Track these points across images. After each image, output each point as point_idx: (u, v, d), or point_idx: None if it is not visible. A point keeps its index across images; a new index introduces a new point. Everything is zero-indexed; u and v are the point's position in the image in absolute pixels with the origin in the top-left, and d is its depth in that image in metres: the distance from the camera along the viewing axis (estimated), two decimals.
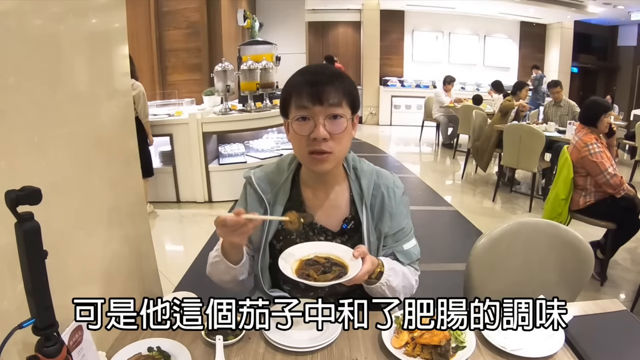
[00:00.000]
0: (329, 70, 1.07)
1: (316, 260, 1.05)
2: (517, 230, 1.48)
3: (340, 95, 1.04)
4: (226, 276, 1.13)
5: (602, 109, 2.93)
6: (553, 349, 0.98)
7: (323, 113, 1.03)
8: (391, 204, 1.18)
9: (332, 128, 1.04)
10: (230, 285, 1.17)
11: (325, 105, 1.02)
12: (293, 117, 1.05)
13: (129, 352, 0.97)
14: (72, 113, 0.97)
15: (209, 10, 5.84)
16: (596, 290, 2.84)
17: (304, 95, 1.03)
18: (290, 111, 1.07)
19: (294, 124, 1.05)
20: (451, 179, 5.98)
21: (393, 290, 1.11)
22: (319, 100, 1.02)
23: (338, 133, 1.05)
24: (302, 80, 1.05)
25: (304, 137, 1.04)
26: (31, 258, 0.66)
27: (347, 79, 1.08)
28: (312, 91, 1.02)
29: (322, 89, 1.02)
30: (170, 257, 3.41)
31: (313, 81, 1.03)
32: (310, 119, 1.03)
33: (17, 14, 0.80)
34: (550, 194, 3.16)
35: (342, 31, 10.39)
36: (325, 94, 1.02)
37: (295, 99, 1.05)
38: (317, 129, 1.02)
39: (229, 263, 1.09)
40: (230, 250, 1.09)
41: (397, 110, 9.89)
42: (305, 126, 1.04)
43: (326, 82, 1.03)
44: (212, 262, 1.15)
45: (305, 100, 1.02)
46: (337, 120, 1.04)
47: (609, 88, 11.24)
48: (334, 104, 1.03)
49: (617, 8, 8.73)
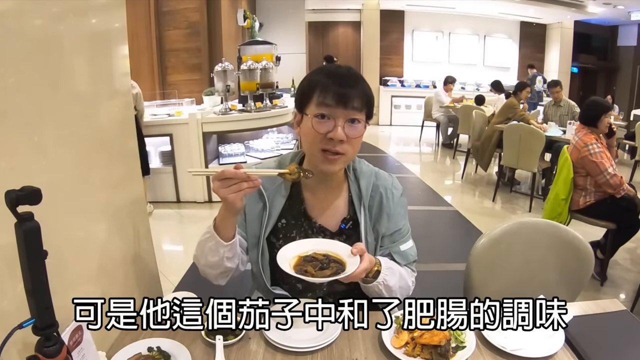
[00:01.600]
0: (355, 75, 1.09)
1: (314, 256, 1.06)
2: (517, 230, 1.48)
3: (362, 101, 1.06)
4: (213, 257, 1.08)
5: (602, 109, 2.93)
6: (553, 349, 0.98)
7: (344, 116, 1.05)
8: (389, 205, 1.18)
9: (350, 131, 1.06)
10: (215, 272, 1.13)
11: (349, 108, 1.04)
12: (313, 113, 1.06)
13: (129, 352, 0.97)
14: (72, 113, 0.97)
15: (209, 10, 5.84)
16: (596, 290, 2.84)
17: (330, 94, 1.04)
18: (309, 106, 1.08)
19: (313, 120, 1.06)
20: (451, 179, 5.98)
21: (390, 290, 1.11)
22: (343, 103, 1.04)
23: (355, 137, 1.07)
24: (328, 79, 1.06)
25: (321, 135, 1.05)
26: (31, 258, 0.66)
27: (367, 85, 1.10)
28: (338, 92, 1.04)
29: (348, 92, 1.04)
30: (170, 257, 3.41)
31: (341, 83, 1.05)
32: (331, 119, 1.05)
33: (17, 14, 0.80)
34: (550, 194, 3.16)
35: (342, 31, 10.40)
36: (350, 97, 1.04)
37: (318, 96, 1.06)
38: (335, 129, 1.04)
39: (219, 239, 1.06)
40: (224, 222, 1.05)
41: (397, 110, 9.90)
42: (325, 124, 1.05)
43: (352, 86, 1.05)
44: (201, 239, 1.11)
45: (330, 99, 1.04)
46: (355, 124, 1.07)
47: (609, 88, 11.24)
48: (356, 108, 1.05)
49: (617, 8, 8.73)
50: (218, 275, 1.15)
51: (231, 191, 0.96)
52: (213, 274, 1.15)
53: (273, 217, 1.18)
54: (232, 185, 0.96)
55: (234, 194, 0.97)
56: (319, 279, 0.98)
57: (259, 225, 1.17)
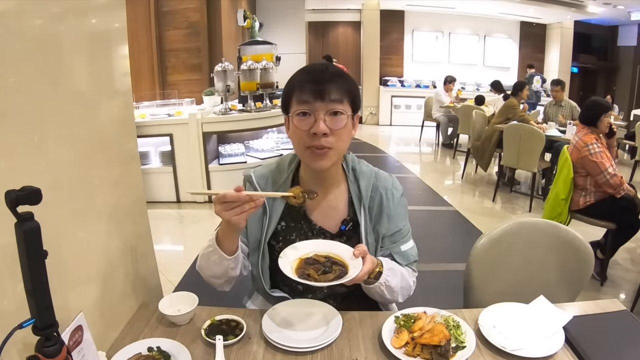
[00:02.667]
0: (331, 69, 1.08)
1: (316, 259, 1.05)
2: (517, 230, 1.47)
3: (341, 92, 1.06)
4: (218, 268, 1.09)
5: (602, 108, 2.93)
6: (553, 349, 0.98)
7: (324, 109, 1.04)
8: (389, 206, 1.18)
9: (332, 124, 1.05)
10: (220, 281, 1.14)
11: (327, 100, 1.04)
12: (294, 112, 1.07)
13: (129, 352, 0.97)
14: (72, 113, 0.97)
15: (209, 10, 5.84)
16: (596, 290, 2.84)
17: (306, 91, 1.04)
18: (291, 106, 1.09)
19: (294, 119, 1.07)
20: (451, 179, 5.97)
21: (392, 290, 1.11)
22: (320, 96, 1.04)
23: (338, 129, 1.06)
24: (304, 77, 1.07)
25: (304, 132, 1.05)
26: (31, 258, 0.66)
27: (348, 78, 1.10)
28: (314, 87, 1.04)
29: (324, 86, 1.04)
30: (170, 257, 3.41)
31: (315, 78, 1.05)
32: (311, 114, 1.05)
33: (17, 14, 0.80)
34: (550, 194, 3.16)
35: (342, 31, 10.39)
36: (326, 90, 1.04)
37: (297, 95, 1.06)
38: (317, 123, 1.04)
39: (222, 253, 1.06)
40: (226, 238, 1.06)
41: (397, 110, 9.89)
42: (306, 121, 1.05)
43: (328, 80, 1.05)
44: (204, 253, 1.11)
45: (306, 95, 1.04)
46: (337, 116, 1.06)
47: (609, 88, 11.24)
48: (335, 100, 1.05)
49: (617, 8, 8.73)
50: (223, 283, 1.16)
51: (234, 214, 0.96)
52: (218, 283, 1.16)
53: (273, 221, 1.17)
54: (235, 208, 0.96)
55: (237, 215, 0.97)
56: (322, 283, 0.97)
57: (260, 230, 1.17)
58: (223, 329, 1.06)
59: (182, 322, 1.10)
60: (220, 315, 1.11)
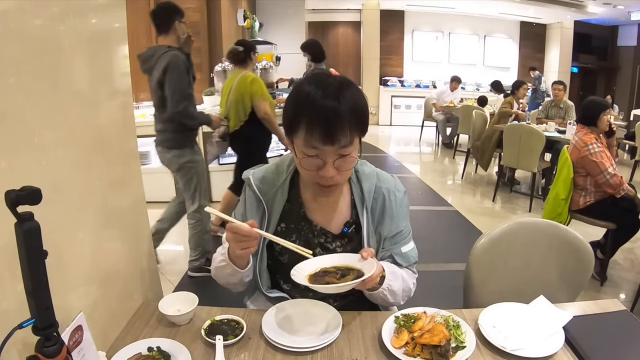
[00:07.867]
0: (344, 100, 0.97)
1: (326, 271, 1.05)
2: (517, 230, 1.47)
3: (352, 132, 0.99)
4: (233, 278, 1.14)
5: (601, 107, 2.94)
6: (553, 349, 0.98)
7: (334, 153, 1.00)
8: (392, 207, 1.17)
9: (341, 165, 1.02)
10: (237, 286, 1.19)
11: (337, 146, 0.98)
12: (302, 153, 1.01)
13: (129, 352, 0.97)
14: (72, 113, 0.97)
15: (209, 10, 5.84)
16: (596, 290, 2.84)
17: (317, 134, 0.96)
18: (296, 136, 1.01)
19: (302, 160, 1.02)
20: (451, 179, 5.98)
21: (394, 294, 1.11)
22: (330, 141, 0.97)
23: (347, 169, 1.05)
24: (314, 110, 0.97)
25: (312, 171, 1.03)
26: (31, 258, 0.66)
27: (360, 108, 1.01)
28: (324, 132, 0.96)
29: (334, 129, 0.96)
30: (170, 257, 3.41)
31: (327, 118, 0.95)
32: (320, 159, 1.00)
33: (17, 14, 0.80)
34: (550, 194, 3.16)
35: (342, 31, 10.39)
36: (337, 136, 0.97)
37: (305, 134, 0.98)
38: (326, 168, 1.00)
39: (235, 267, 1.09)
40: (237, 258, 1.09)
41: (397, 110, 9.90)
42: (315, 162, 1.01)
43: (340, 119, 0.96)
44: (218, 265, 1.14)
45: (316, 140, 0.97)
46: (346, 158, 1.01)
47: (609, 88, 11.25)
48: (346, 144, 0.99)
49: (617, 8, 8.74)
50: (240, 286, 1.20)
51: (242, 247, 1.00)
52: (236, 287, 1.20)
53: (273, 223, 1.17)
54: (244, 242, 0.99)
55: (243, 250, 1.00)
56: (345, 284, 0.96)
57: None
58: (223, 329, 1.06)
59: (182, 322, 1.10)
60: (220, 315, 1.11)
